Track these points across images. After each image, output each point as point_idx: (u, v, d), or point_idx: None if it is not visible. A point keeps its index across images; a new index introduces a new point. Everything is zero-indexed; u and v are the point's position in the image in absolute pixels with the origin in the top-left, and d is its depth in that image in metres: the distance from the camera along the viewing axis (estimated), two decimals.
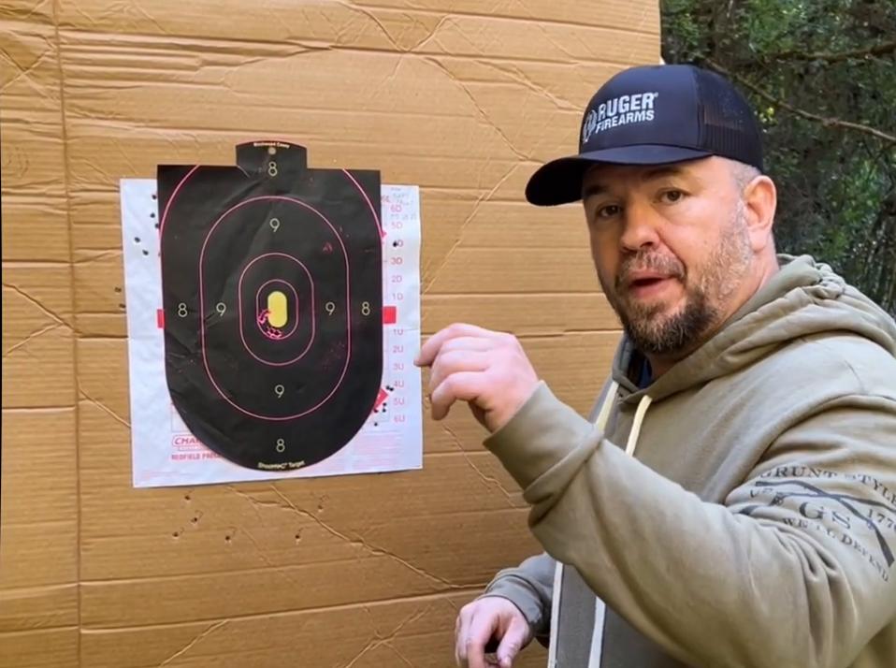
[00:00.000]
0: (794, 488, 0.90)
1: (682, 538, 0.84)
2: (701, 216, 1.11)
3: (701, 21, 5.92)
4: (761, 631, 0.82)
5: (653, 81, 1.15)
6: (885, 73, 6.05)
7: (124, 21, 1.42)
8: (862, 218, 8.02)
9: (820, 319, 1.08)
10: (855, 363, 1.00)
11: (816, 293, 1.11)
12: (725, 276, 1.12)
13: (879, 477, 0.90)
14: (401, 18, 1.55)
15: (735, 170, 1.14)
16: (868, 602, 0.86)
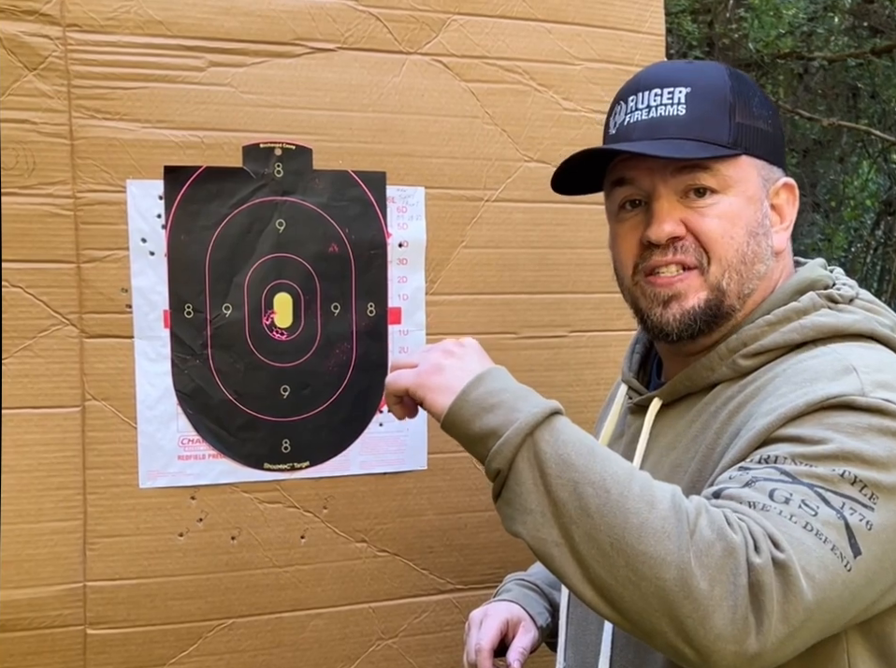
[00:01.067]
0: (769, 473, 0.91)
1: (625, 516, 0.86)
2: (728, 212, 1.11)
3: (701, 21, 5.93)
4: (700, 608, 0.84)
5: (686, 76, 1.13)
6: (884, 73, 6.06)
7: (131, 23, 1.42)
8: (861, 218, 8.03)
9: (833, 323, 1.07)
10: (861, 366, 1.00)
11: (830, 297, 1.11)
12: (748, 275, 1.11)
13: (861, 474, 0.91)
14: (407, 19, 1.56)
15: (763, 171, 1.14)
16: (824, 589, 0.87)
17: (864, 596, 0.92)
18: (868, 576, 0.90)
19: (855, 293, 1.13)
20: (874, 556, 0.90)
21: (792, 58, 6.06)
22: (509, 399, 0.96)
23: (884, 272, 7.66)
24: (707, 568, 0.85)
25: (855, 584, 0.89)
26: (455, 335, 1.59)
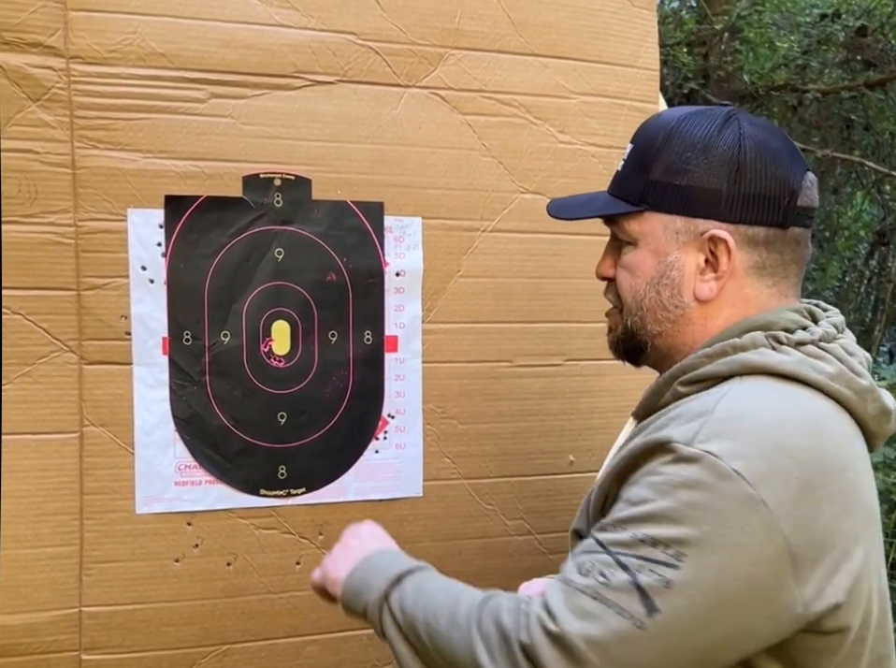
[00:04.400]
0: (590, 545, 1.02)
1: (440, 639, 1.05)
2: (631, 264, 1.20)
3: (697, 53, 5.99)
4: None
5: (639, 132, 1.23)
6: (877, 105, 6.11)
7: (134, 55, 1.45)
8: (855, 248, 8.07)
9: (759, 361, 1.10)
10: (722, 410, 1.03)
11: (776, 338, 1.12)
12: (649, 320, 1.20)
13: (662, 534, 0.96)
14: (406, 53, 1.58)
15: (672, 225, 1.16)
16: (615, 650, 0.95)
17: (682, 646, 0.97)
18: (678, 629, 0.96)
19: (812, 338, 1.12)
20: (681, 610, 0.95)
21: (787, 90, 6.12)
22: (370, 580, 1.15)
23: (878, 302, 7.69)
24: (494, 657, 0.99)
25: (660, 640, 0.95)
26: (451, 363, 1.63)
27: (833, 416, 1.08)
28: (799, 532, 0.98)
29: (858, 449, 1.09)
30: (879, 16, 5.74)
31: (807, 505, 0.99)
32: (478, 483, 1.65)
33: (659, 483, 1.00)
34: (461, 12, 1.62)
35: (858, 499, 1.05)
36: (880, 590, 1.10)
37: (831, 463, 1.03)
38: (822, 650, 1.03)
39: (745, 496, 0.97)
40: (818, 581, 0.99)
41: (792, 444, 1.01)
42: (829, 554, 1.00)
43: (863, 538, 1.04)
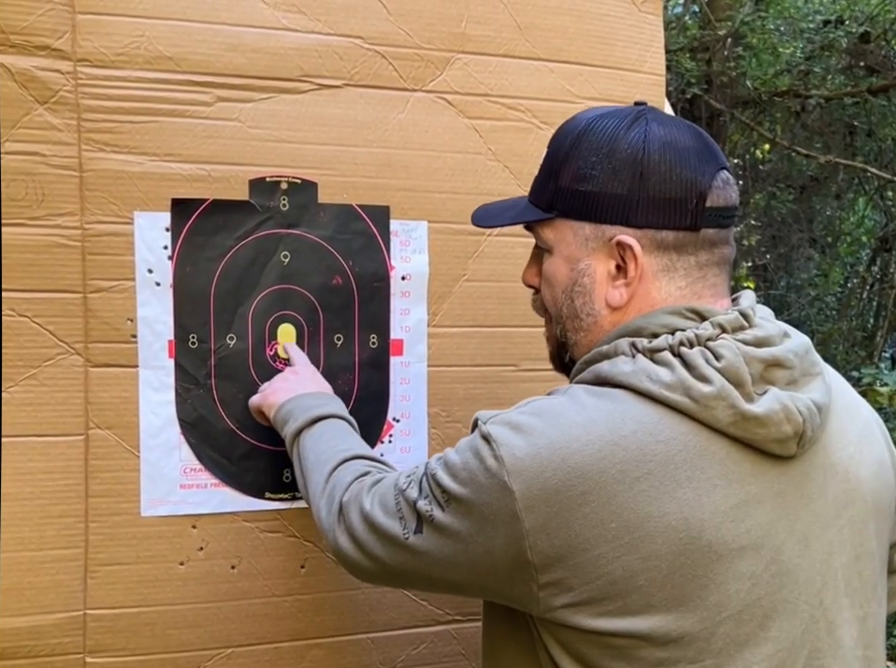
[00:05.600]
0: (428, 461, 1.18)
1: (309, 476, 1.35)
2: (548, 272, 1.23)
3: (700, 59, 6.00)
4: (322, 523, 1.29)
5: (554, 136, 1.24)
6: (880, 112, 6.11)
7: (141, 58, 1.45)
8: (857, 254, 8.07)
9: (606, 371, 1.12)
10: (529, 406, 1.12)
11: (634, 345, 1.12)
12: (569, 327, 1.22)
13: (444, 481, 1.11)
14: (412, 57, 1.59)
15: (581, 231, 1.17)
16: (383, 543, 1.17)
17: (432, 571, 1.15)
18: (429, 556, 1.13)
19: (668, 344, 1.10)
20: (435, 543, 1.12)
21: (790, 96, 6.13)
22: (296, 413, 1.41)
23: (880, 308, 7.68)
24: (327, 503, 1.27)
25: (414, 556, 1.14)
26: (456, 367, 1.63)
27: (661, 426, 1.06)
28: (547, 529, 1.04)
29: (688, 460, 1.05)
30: (882, 22, 5.74)
31: (563, 507, 1.03)
32: None
33: (467, 440, 1.12)
34: (467, 17, 1.62)
35: (647, 510, 1.03)
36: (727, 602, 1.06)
37: (615, 473, 1.03)
38: (609, 652, 1.06)
39: (500, 480, 1.05)
40: (562, 575, 1.04)
41: (569, 448, 1.04)
42: (580, 555, 1.03)
43: (644, 548, 1.03)
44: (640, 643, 1.05)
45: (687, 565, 1.04)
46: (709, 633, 1.05)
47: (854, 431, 1.22)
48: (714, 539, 1.05)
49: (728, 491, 1.07)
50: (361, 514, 1.20)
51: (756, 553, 1.07)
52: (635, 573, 1.04)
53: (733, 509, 1.07)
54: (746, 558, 1.07)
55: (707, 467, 1.06)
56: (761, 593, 1.07)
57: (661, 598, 1.04)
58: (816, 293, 7.71)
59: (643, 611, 1.04)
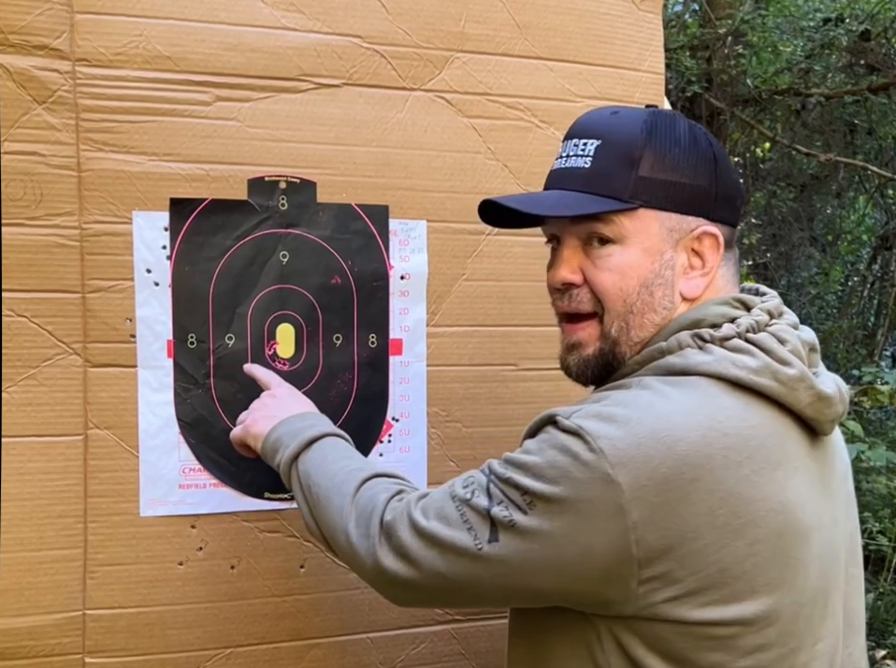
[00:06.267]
0: (484, 466, 1.13)
1: (325, 501, 1.23)
2: (621, 264, 1.16)
3: (700, 57, 5.99)
4: (353, 548, 1.17)
5: (601, 128, 1.19)
6: (880, 110, 6.11)
7: (140, 58, 1.45)
8: (858, 252, 8.07)
9: (680, 364, 1.11)
10: (612, 398, 1.09)
11: (700, 336, 1.13)
12: (636, 324, 1.17)
13: (524, 482, 1.05)
14: (411, 56, 1.58)
15: (667, 222, 1.16)
16: (451, 556, 1.08)
17: (510, 580, 1.07)
18: (509, 564, 1.06)
19: (737, 331, 1.12)
20: (517, 549, 1.05)
21: (790, 94, 6.12)
22: (285, 440, 1.32)
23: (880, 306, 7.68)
24: (358, 525, 1.17)
25: (490, 566, 1.07)
26: (456, 367, 1.63)
27: (746, 411, 1.08)
28: (654, 520, 1.02)
29: (776, 444, 1.08)
30: (882, 20, 5.74)
31: (672, 496, 1.02)
32: None
33: (540, 440, 1.08)
34: (466, 15, 1.62)
35: (750, 494, 1.05)
36: (807, 582, 1.09)
37: (720, 458, 1.04)
38: (708, 643, 1.05)
39: (602, 473, 1.02)
40: (668, 568, 1.02)
41: (673, 435, 1.03)
42: (689, 545, 1.02)
43: (750, 532, 1.04)
44: (742, 630, 1.05)
45: (785, 548, 1.07)
46: (795, 615, 1.08)
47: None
48: (799, 521, 1.08)
49: (802, 473, 1.11)
50: (414, 530, 1.11)
51: (819, 533, 1.11)
52: (742, 558, 1.04)
53: (807, 490, 1.10)
54: (815, 538, 1.10)
55: (789, 450, 1.10)
56: (825, 572, 1.12)
57: (763, 582, 1.05)
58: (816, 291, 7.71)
59: (748, 597, 1.05)
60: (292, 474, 1.30)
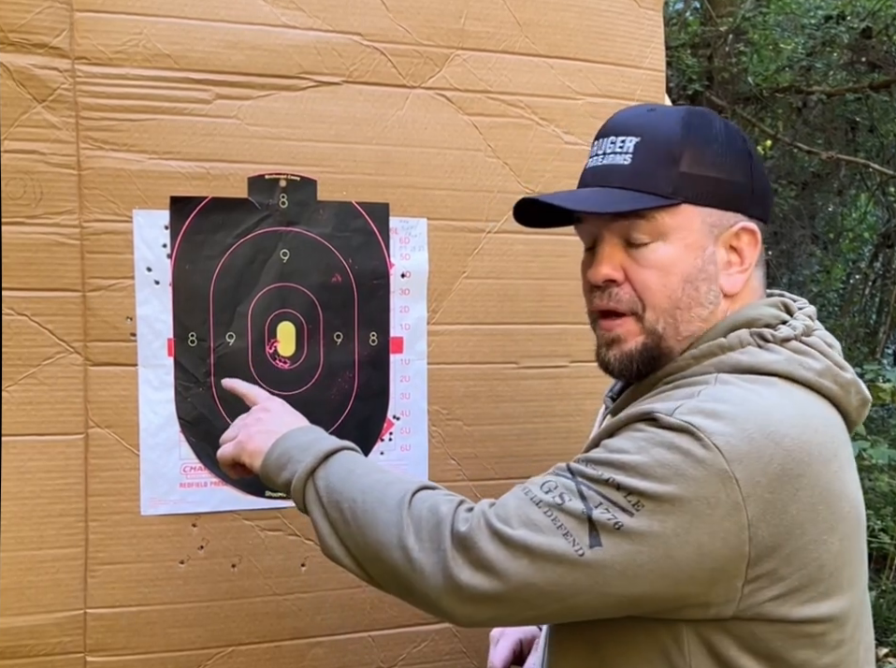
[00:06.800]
0: (560, 469, 1.08)
1: (365, 517, 1.10)
2: (664, 261, 1.14)
3: (701, 55, 5.99)
4: (416, 567, 1.06)
5: (640, 125, 1.18)
6: (882, 107, 6.10)
7: (140, 56, 1.44)
8: (859, 250, 8.07)
9: (748, 362, 1.10)
10: (705, 394, 1.06)
11: (761, 336, 1.13)
12: (684, 319, 1.15)
13: (627, 482, 1.00)
14: (411, 54, 1.58)
15: (709, 218, 1.16)
16: (548, 565, 1.00)
17: (611, 587, 1.01)
18: (613, 570, 1.00)
19: (795, 334, 1.13)
20: (623, 553, 0.99)
21: (791, 92, 6.11)
22: (296, 455, 1.19)
23: (882, 304, 7.68)
24: (420, 539, 1.06)
25: (592, 573, 1.00)
26: (456, 365, 1.63)
27: (821, 409, 1.11)
28: (766, 517, 1.01)
29: (843, 441, 1.12)
30: (884, 17, 5.73)
31: (783, 492, 1.01)
32: (483, 484, 1.64)
33: (639, 438, 1.03)
34: (467, 13, 1.61)
35: (839, 489, 1.07)
36: (860, 579, 1.13)
37: (817, 454, 1.05)
38: (802, 641, 1.05)
39: (720, 469, 0.99)
40: (774, 566, 1.02)
41: (779, 431, 1.03)
42: (795, 542, 1.02)
43: (840, 528, 1.06)
44: (831, 626, 1.06)
45: (859, 544, 1.11)
46: (861, 609, 1.11)
47: None
48: (862, 516, 1.12)
49: (853, 471, 1.13)
50: (499, 539, 1.02)
51: (861, 528, 1.13)
52: (835, 554, 1.05)
53: (858, 488, 1.13)
54: (862, 533, 1.13)
55: (849, 448, 1.14)
56: (865, 568, 1.14)
57: (847, 577, 1.07)
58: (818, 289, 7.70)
59: (837, 592, 1.06)
60: (307, 491, 1.17)
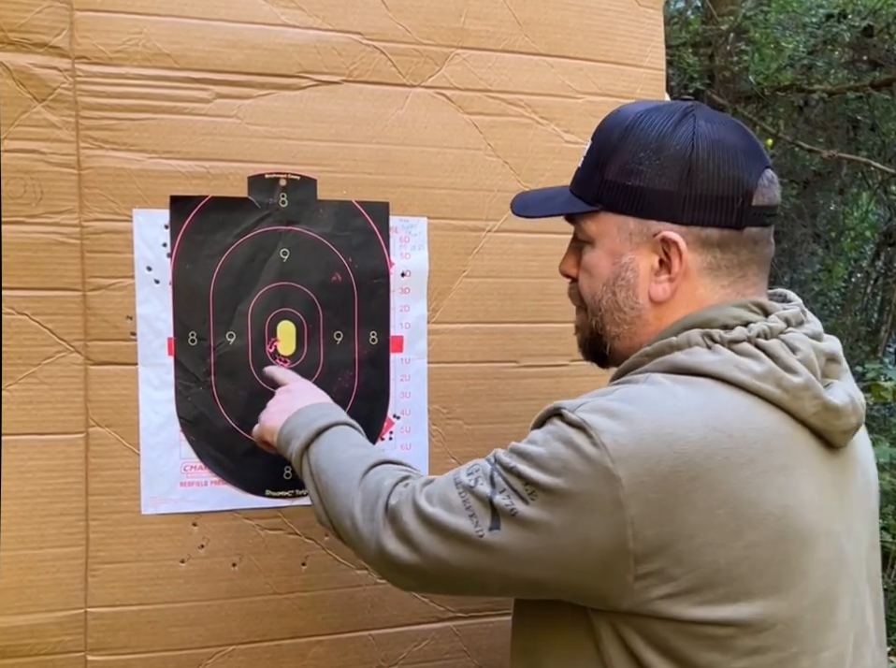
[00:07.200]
0: (490, 455, 1.15)
1: (333, 488, 1.25)
2: (590, 264, 1.22)
3: (702, 54, 5.99)
4: (358, 531, 1.20)
5: (599, 128, 1.23)
6: (883, 106, 6.11)
7: (139, 55, 1.44)
8: (861, 249, 8.06)
9: (685, 362, 1.11)
10: (617, 393, 1.10)
11: (710, 336, 1.13)
12: (607, 320, 1.22)
13: (527, 472, 1.07)
14: (411, 53, 1.58)
15: (626, 226, 1.17)
16: (452, 542, 1.10)
17: (509, 569, 1.09)
18: (509, 553, 1.07)
19: (748, 335, 1.12)
20: (517, 538, 1.07)
21: (792, 91, 6.12)
22: (298, 431, 1.34)
23: (884, 303, 7.67)
24: (363, 510, 1.19)
25: (491, 554, 1.08)
26: (457, 364, 1.63)
27: (749, 414, 1.08)
28: (652, 516, 1.02)
29: (774, 448, 1.08)
30: (885, 16, 5.73)
31: (672, 493, 1.03)
32: None
33: (547, 431, 1.10)
34: (466, 12, 1.61)
35: (751, 496, 1.05)
36: (810, 588, 1.09)
37: (721, 459, 1.04)
38: (705, 642, 1.05)
39: (604, 468, 1.03)
40: (662, 565, 1.03)
41: (675, 434, 1.04)
42: (685, 543, 1.03)
43: (748, 534, 1.04)
44: (737, 631, 1.05)
45: (784, 552, 1.07)
46: (797, 621, 1.08)
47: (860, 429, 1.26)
48: (803, 526, 1.08)
49: (810, 479, 1.10)
50: (418, 514, 1.13)
51: (827, 540, 1.11)
52: (738, 560, 1.04)
53: (814, 497, 1.10)
54: (822, 545, 1.10)
55: (795, 455, 1.10)
56: (832, 580, 1.11)
57: (760, 585, 1.05)
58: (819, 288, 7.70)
59: (743, 598, 1.05)
60: (303, 465, 1.32)
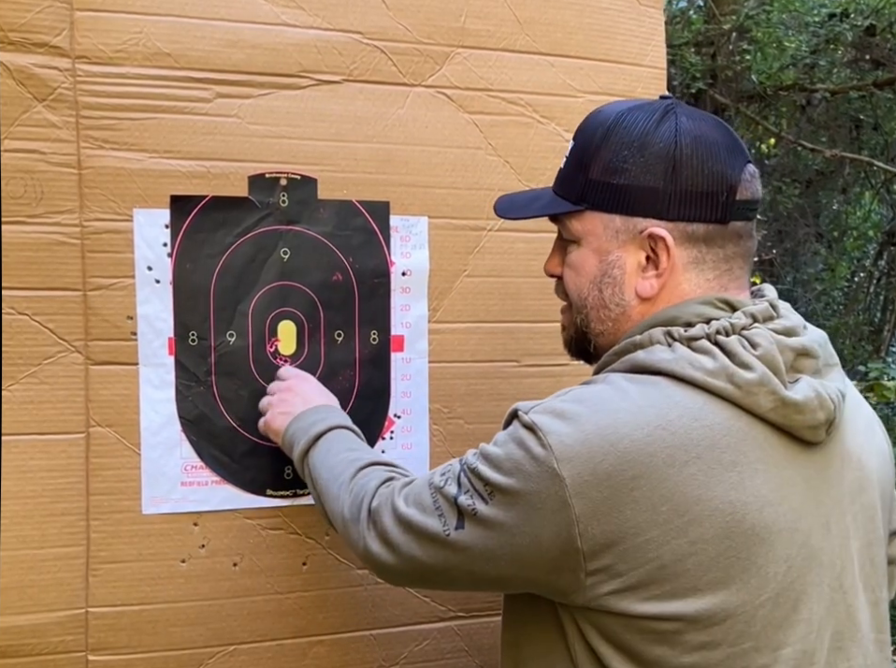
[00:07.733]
0: (463, 457, 1.17)
1: (327, 491, 1.33)
2: (576, 262, 1.24)
3: (704, 54, 5.98)
4: (349, 532, 1.27)
5: (581, 128, 1.25)
6: (886, 105, 6.09)
7: (140, 55, 1.44)
8: (864, 248, 8.05)
9: (642, 360, 1.13)
10: (570, 394, 1.13)
11: (670, 334, 1.14)
12: (593, 318, 1.24)
13: (487, 473, 1.11)
14: (412, 52, 1.58)
15: (612, 224, 1.19)
16: (421, 541, 1.15)
17: (474, 566, 1.14)
18: (473, 551, 1.12)
19: (706, 332, 1.12)
20: (478, 537, 1.11)
21: (795, 90, 6.10)
22: (299, 436, 1.40)
23: (887, 302, 7.67)
24: (351, 511, 1.25)
25: (456, 552, 1.13)
26: (458, 363, 1.63)
27: (700, 410, 1.08)
28: (597, 515, 1.05)
29: (723, 445, 1.08)
30: (888, 15, 5.71)
31: (615, 491, 1.05)
32: None
33: (507, 432, 1.13)
34: (467, 11, 1.61)
35: (695, 493, 1.05)
36: (764, 584, 1.09)
37: (665, 457, 1.05)
38: (652, 637, 1.07)
39: (550, 468, 1.06)
40: (610, 561, 1.05)
41: (618, 433, 1.06)
42: (630, 540, 1.04)
43: (693, 531, 1.05)
44: (685, 626, 1.06)
45: (733, 548, 1.07)
46: (749, 616, 1.08)
47: (861, 422, 1.26)
48: (756, 522, 1.08)
49: (768, 475, 1.10)
50: (395, 516, 1.18)
51: (790, 536, 1.10)
52: (684, 556, 1.05)
53: (772, 493, 1.10)
54: (783, 541, 1.10)
55: (749, 451, 1.09)
56: (795, 576, 1.10)
57: (707, 581, 1.06)
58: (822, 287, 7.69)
59: (690, 594, 1.06)
60: (304, 470, 1.39)
